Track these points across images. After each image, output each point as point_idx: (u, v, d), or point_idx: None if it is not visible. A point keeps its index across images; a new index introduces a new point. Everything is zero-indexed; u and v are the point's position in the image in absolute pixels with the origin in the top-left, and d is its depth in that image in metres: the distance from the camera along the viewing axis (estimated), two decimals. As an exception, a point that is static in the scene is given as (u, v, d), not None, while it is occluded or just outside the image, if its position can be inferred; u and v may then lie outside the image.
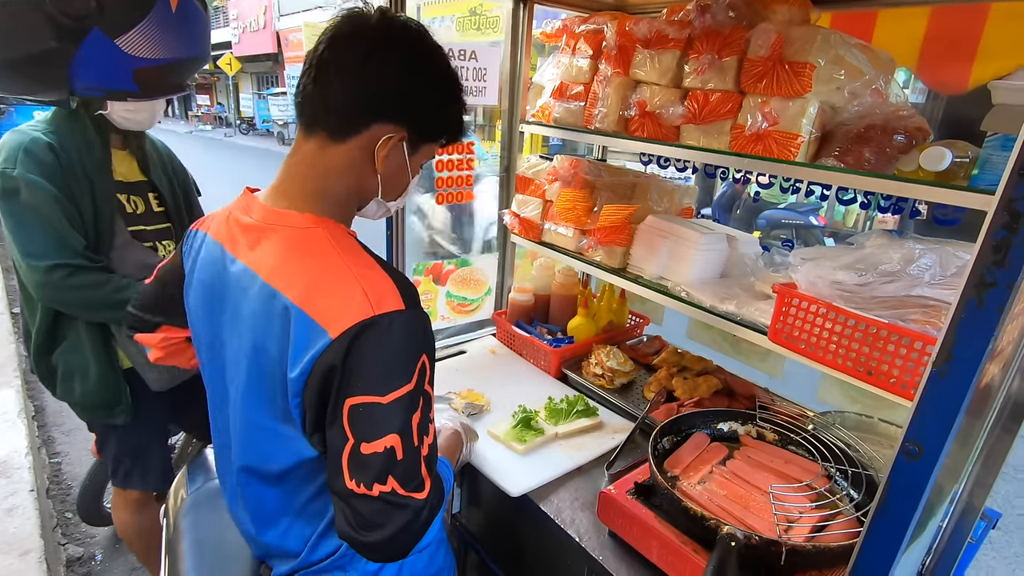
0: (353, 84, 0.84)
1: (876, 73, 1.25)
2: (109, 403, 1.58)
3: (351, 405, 0.76)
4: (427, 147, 0.96)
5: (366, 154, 0.88)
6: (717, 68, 1.32)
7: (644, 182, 1.71)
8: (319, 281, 0.80)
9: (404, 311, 0.79)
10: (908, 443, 0.65)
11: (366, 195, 0.95)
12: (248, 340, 0.87)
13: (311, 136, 0.89)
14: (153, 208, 1.62)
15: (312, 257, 0.84)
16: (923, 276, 0.97)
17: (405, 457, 0.77)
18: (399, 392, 0.77)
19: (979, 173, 1.05)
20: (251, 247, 0.89)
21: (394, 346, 0.78)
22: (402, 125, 0.88)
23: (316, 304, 0.79)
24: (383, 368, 0.77)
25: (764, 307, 1.29)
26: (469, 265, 2.00)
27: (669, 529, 1.07)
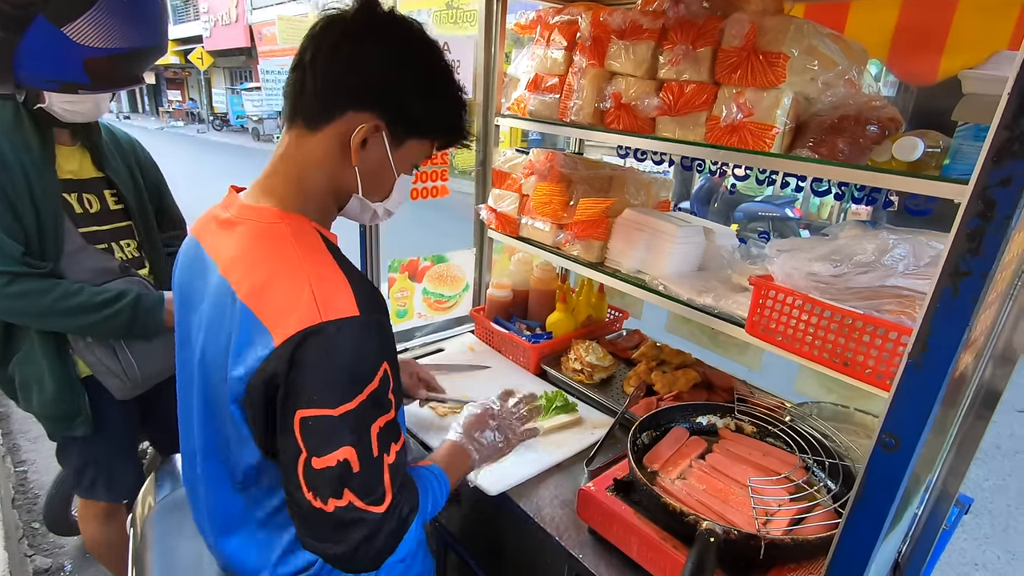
0: (326, 70, 0.83)
1: (849, 64, 1.24)
2: (68, 415, 1.52)
3: (301, 418, 0.73)
4: (414, 143, 0.92)
5: (341, 145, 0.86)
6: (691, 59, 1.31)
7: (621, 175, 1.70)
8: (270, 278, 0.77)
9: (356, 318, 0.75)
10: (885, 435, 0.64)
11: (344, 191, 0.91)
12: (203, 335, 0.84)
13: (292, 128, 0.87)
14: (110, 206, 1.54)
15: (268, 252, 0.81)
16: (897, 266, 0.97)
17: (363, 469, 0.74)
18: (351, 404, 0.73)
19: (951, 163, 1.05)
20: (220, 241, 0.87)
21: (343, 356, 0.74)
22: (379, 114, 0.85)
23: (263, 302, 0.76)
24: (331, 379, 0.73)
25: (741, 300, 1.28)
26: (445, 261, 1.97)
27: (649, 525, 1.06)
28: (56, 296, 1.37)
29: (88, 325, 1.44)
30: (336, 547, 0.75)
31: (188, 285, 0.93)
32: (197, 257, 0.90)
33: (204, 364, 0.84)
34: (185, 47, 22.51)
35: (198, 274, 0.89)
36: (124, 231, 1.58)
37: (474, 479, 1.26)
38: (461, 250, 2.02)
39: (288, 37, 16.75)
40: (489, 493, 1.27)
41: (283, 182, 0.88)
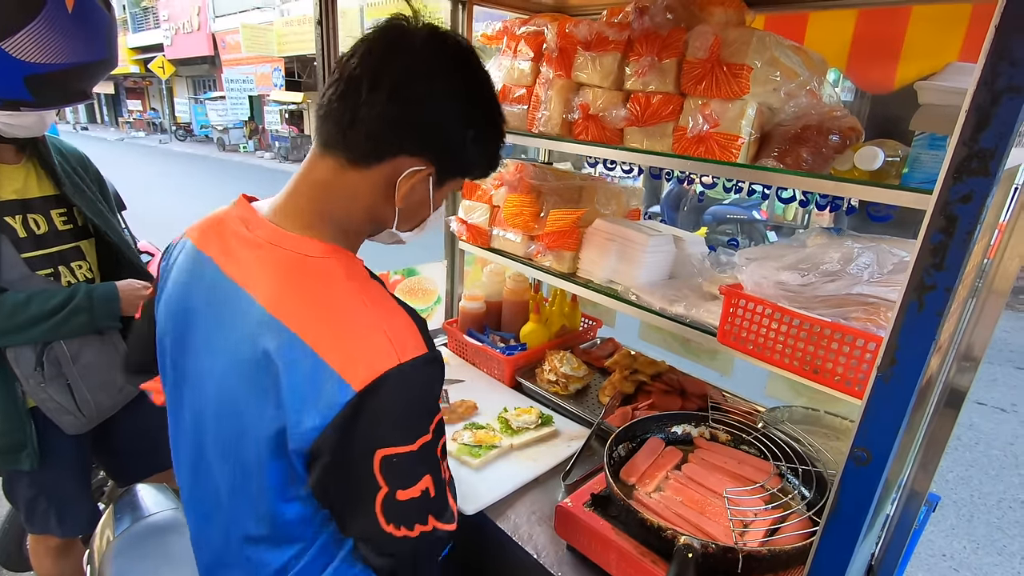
0: (384, 107, 0.75)
1: (810, 74, 1.27)
2: (13, 447, 1.44)
3: (383, 457, 0.71)
4: (454, 182, 0.88)
5: (386, 184, 0.80)
6: (657, 70, 1.32)
7: (591, 185, 1.70)
8: (336, 323, 0.73)
9: (427, 354, 0.74)
10: (857, 449, 0.65)
11: (380, 225, 0.87)
12: (228, 366, 0.77)
13: (327, 155, 0.80)
14: (58, 227, 1.46)
15: (325, 293, 0.75)
16: (862, 274, 0.99)
17: (438, 493, 0.77)
18: (426, 437, 0.75)
19: (909, 171, 1.07)
20: (247, 265, 0.79)
21: (420, 393, 0.75)
22: (431, 160, 0.80)
23: (334, 349, 0.71)
24: (411, 417, 0.74)
25: (713, 308, 1.29)
26: (416, 274, 1.94)
27: (627, 541, 1.05)
28: (5, 314, 1.30)
29: (47, 332, 1.37)
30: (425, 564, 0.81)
31: (196, 302, 0.84)
32: (206, 271, 0.82)
33: (233, 400, 0.77)
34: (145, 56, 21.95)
35: (215, 294, 0.80)
36: (74, 252, 1.49)
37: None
38: (432, 262, 1.99)
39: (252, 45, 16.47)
40: (465, 513, 1.25)
41: (318, 212, 0.81)
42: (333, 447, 0.71)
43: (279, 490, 0.78)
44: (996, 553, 2.86)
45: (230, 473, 0.82)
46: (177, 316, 0.86)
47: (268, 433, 0.74)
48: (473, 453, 1.42)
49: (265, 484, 0.78)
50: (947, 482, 3.35)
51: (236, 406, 0.77)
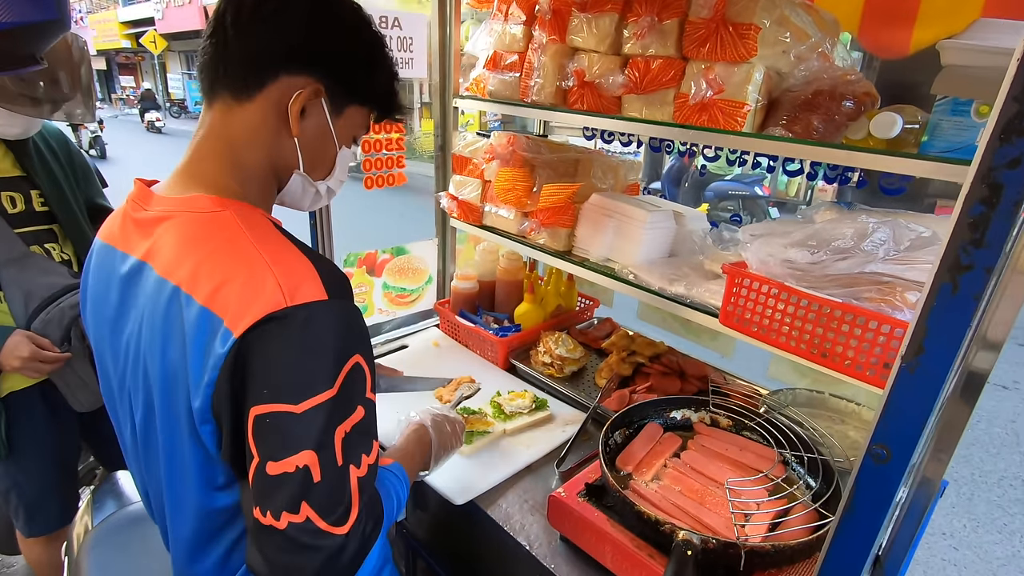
0: (251, 30, 0.73)
1: (822, 35, 1.18)
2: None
3: (256, 415, 0.63)
4: (353, 111, 0.83)
5: (277, 115, 0.76)
6: (657, 32, 1.22)
7: (587, 158, 1.61)
8: (225, 271, 0.67)
9: (326, 301, 0.66)
10: (875, 446, 0.58)
11: (285, 169, 0.81)
12: (146, 351, 0.73)
13: (214, 102, 0.76)
14: (35, 207, 1.41)
15: (216, 244, 0.70)
16: (877, 252, 0.91)
17: (324, 479, 0.63)
18: (317, 399, 0.63)
19: (929, 139, 1.00)
20: (145, 240, 0.75)
21: (311, 342, 0.64)
22: (316, 76, 0.76)
23: (220, 297, 0.65)
24: (296, 369, 0.64)
25: (715, 287, 1.22)
26: (406, 253, 1.86)
27: (623, 533, 0.99)
28: None
29: None
30: (291, 572, 0.63)
31: (106, 297, 0.81)
32: (117, 266, 0.79)
33: (160, 378, 0.72)
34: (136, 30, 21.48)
35: (123, 285, 0.77)
36: (47, 234, 1.44)
37: (427, 476, 1.15)
38: (422, 240, 1.92)
39: (244, 19, 16.06)
40: (455, 503, 1.20)
41: (214, 166, 0.77)
42: (225, 407, 0.65)
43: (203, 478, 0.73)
44: (996, 531, 2.85)
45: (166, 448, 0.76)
46: (96, 310, 0.84)
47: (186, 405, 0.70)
48: (464, 439, 1.36)
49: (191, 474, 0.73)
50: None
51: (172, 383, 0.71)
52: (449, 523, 1.39)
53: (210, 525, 0.77)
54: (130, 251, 0.77)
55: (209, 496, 0.75)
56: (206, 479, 0.74)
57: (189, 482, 0.74)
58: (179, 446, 0.73)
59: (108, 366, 0.85)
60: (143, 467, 0.85)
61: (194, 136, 0.79)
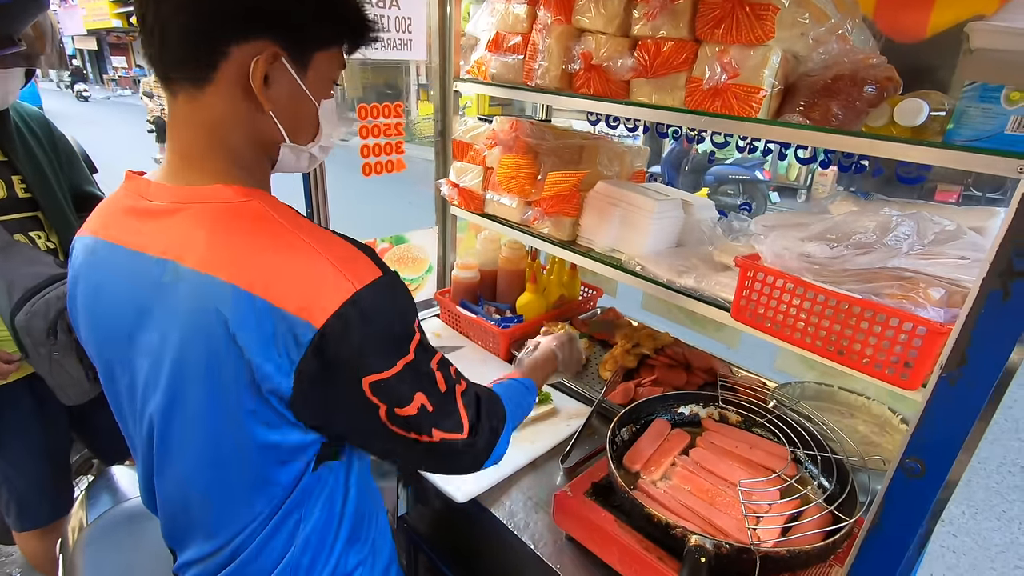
0: (178, 6, 0.66)
1: (841, 17, 1.12)
2: None
3: (369, 383, 0.69)
4: (321, 57, 0.75)
5: (242, 91, 0.70)
6: (669, 12, 1.16)
7: (592, 144, 1.56)
8: (277, 263, 0.66)
9: (383, 277, 0.69)
10: (908, 459, 0.55)
11: (271, 144, 0.77)
12: (186, 343, 0.69)
13: (176, 92, 0.71)
14: (18, 194, 1.35)
15: (258, 236, 0.68)
16: (901, 246, 0.87)
17: (436, 407, 0.76)
18: (409, 357, 0.72)
19: (954, 127, 0.95)
20: (159, 234, 0.71)
21: (388, 315, 0.70)
22: (268, 38, 0.69)
23: (282, 291, 0.65)
24: (384, 341, 0.70)
25: (725, 280, 1.18)
26: (405, 242, 1.82)
27: (631, 535, 0.97)
28: None
29: None
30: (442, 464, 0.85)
31: (101, 294, 0.76)
32: (121, 259, 0.74)
33: (196, 367, 0.70)
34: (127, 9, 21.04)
35: (124, 278, 0.73)
36: (32, 222, 1.39)
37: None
38: (422, 229, 1.87)
39: (237, -3, 15.75)
40: (457, 501, 1.17)
41: (210, 153, 0.73)
42: (315, 385, 0.68)
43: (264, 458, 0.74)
44: (995, 518, 2.86)
45: (208, 455, 0.75)
46: (89, 308, 0.80)
47: (239, 396, 0.69)
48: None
49: (250, 457, 0.73)
50: (948, 447, 3.33)
51: (206, 366, 0.69)
52: (451, 519, 1.37)
53: (271, 502, 0.77)
54: (138, 246, 0.72)
55: (272, 473, 0.75)
56: (267, 458, 0.74)
57: (246, 465, 0.74)
58: (229, 434, 0.72)
59: (115, 370, 0.80)
60: (163, 466, 0.81)
61: (169, 129, 0.74)
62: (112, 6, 22.36)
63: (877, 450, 1.22)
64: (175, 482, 0.81)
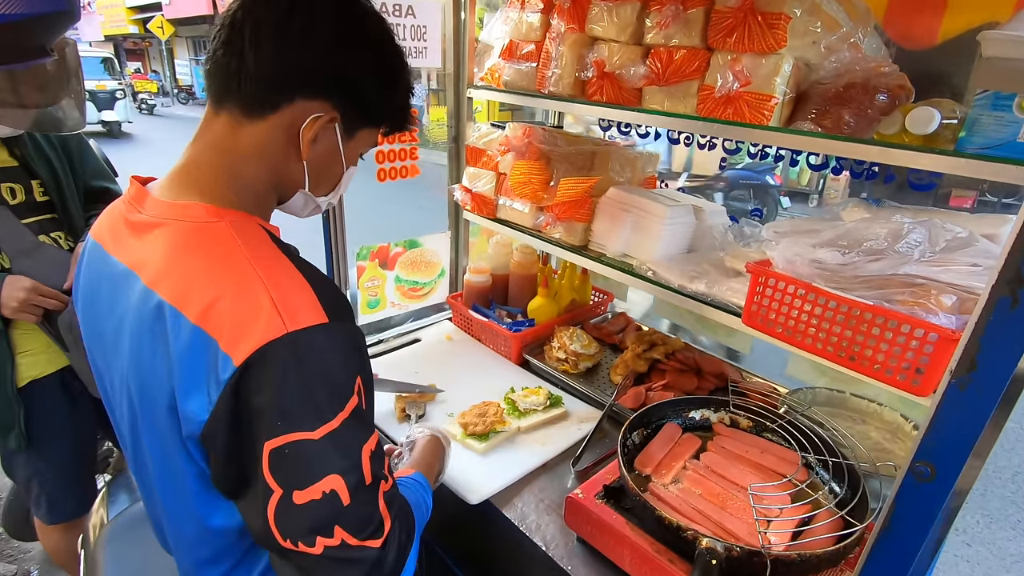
0: (271, 48, 0.69)
1: (853, 25, 1.13)
2: (1, 429, 1.40)
3: (272, 449, 0.61)
4: (365, 133, 0.81)
5: (287, 136, 0.73)
6: (682, 21, 1.18)
7: (604, 150, 1.58)
8: (218, 288, 0.64)
9: (326, 324, 0.64)
10: (919, 463, 0.56)
11: (289, 186, 0.79)
12: (132, 364, 0.71)
13: (221, 111, 0.73)
14: (36, 197, 1.39)
15: (209, 258, 0.67)
16: (912, 253, 0.88)
17: (353, 500, 0.64)
18: (333, 424, 0.63)
19: (966, 135, 0.96)
20: (135, 247, 0.73)
21: (318, 368, 0.63)
22: (334, 103, 0.73)
23: (215, 317, 0.63)
24: (307, 397, 0.63)
25: (736, 286, 1.19)
26: (419, 246, 1.84)
27: (642, 537, 0.98)
28: None
29: None
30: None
31: (96, 299, 0.79)
32: (104, 267, 0.76)
33: (141, 392, 0.71)
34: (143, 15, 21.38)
35: (109, 287, 0.75)
36: (52, 223, 1.44)
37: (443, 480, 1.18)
38: (435, 233, 1.89)
39: (252, 3, 15.92)
40: (469, 502, 1.19)
41: (212, 175, 0.74)
42: (223, 436, 0.63)
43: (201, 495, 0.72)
44: (1010, 527, 2.82)
45: (157, 467, 0.75)
46: (86, 310, 0.83)
47: (170, 424, 0.68)
48: (479, 438, 1.35)
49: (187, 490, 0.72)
50: (962, 455, 3.29)
51: (153, 396, 0.69)
52: (463, 521, 1.38)
53: (214, 544, 0.75)
54: (119, 256, 0.75)
55: (213, 513, 0.73)
56: (207, 496, 0.71)
57: (186, 501, 0.73)
58: (171, 464, 0.71)
59: (100, 370, 0.83)
60: (138, 473, 0.84)
61: (193, 139, 0.76)
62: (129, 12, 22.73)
63: (889, 456, 1.22)
64: (148, 496, 0.84)
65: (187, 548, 0.78)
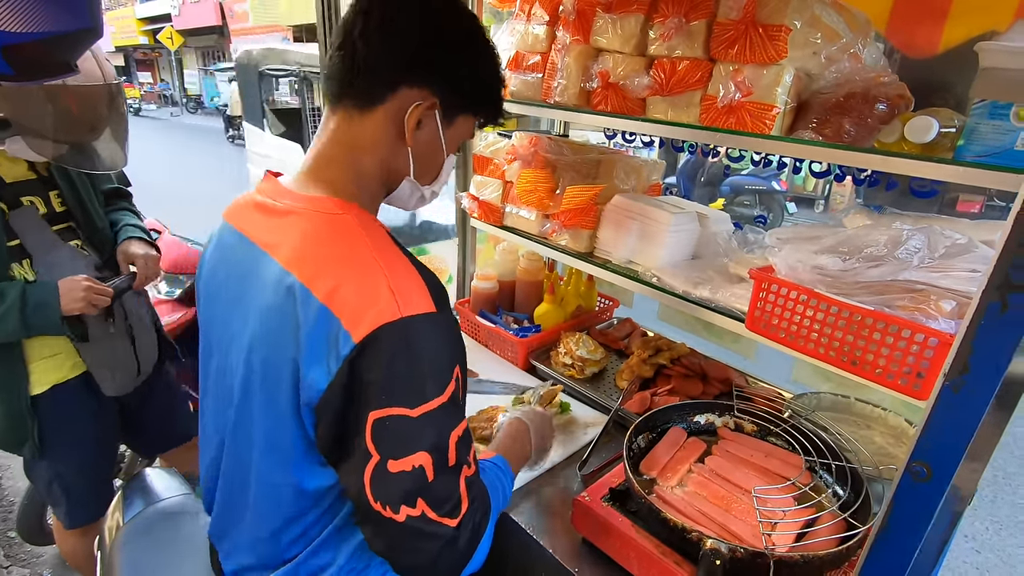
0: (376, 42, 0.76)
1: (853, 36, 1.15)
2: (14, 441, 1.45)
3: (376, 419, 0.68)
4: (462, 120, 0.86)
5: (395, 125, 0.80)
6: (685, 33, 1.21)
7: (609, 159, 1.60)
8: (345, 273, 0.71)
9: (435, 314, 0.71)
10: (915, 463, 0.57)
11: (396, 175, 0.85)
12: (258, 329, 0.76)
13: (338, 109, 0.81)
14: (56, 208, 1.44)
15: (338, 246, 0.74)
16: (911, 259, 0.90)
17: (437, 477, 0.70)
18: (431, 405, 0.69)
19: (964, 143, 0.97)
20: (270, 231, 0.79)
21: (423, 352, 0.70)
22: (433, 90, 0.79)
23: (339, 299, 0.69)
24: (411, 377, 0.69)
25: (740, 292, 1.21)
26: (427, 253, 1.87)
27: (648, 539, 0.99)
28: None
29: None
30: (411, 557, 0.72)
31: (226, 275, 0.85)
32: (239, 246, 0.83)
33: (265, 360, 0.76)
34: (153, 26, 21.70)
35: (243, 264, 0.81)
36: (69, 232, 1.48)
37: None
38: (443, 240, 1.92)
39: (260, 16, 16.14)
40: (478, 505, 1.20)
41: (338, 169, 0.81)
42: (335, 404, 0.69)
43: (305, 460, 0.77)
44: (1020, 534, 2.80)
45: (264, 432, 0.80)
46: (209, 291, 0.89)
47: (290, 392, 0.73)
48: (486, 442, 1.37)
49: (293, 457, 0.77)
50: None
51: (276, 365, 0.75)
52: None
53: (301, 504, 0.80)
54: (253, 237, 0.81)
55: (309, 476, 0.78)
56: (308, 461, 0.77)
57: (288, 465, 0.77)
58: (280, 430, 0.76)
59: (212, 342, 0.89)
60: (229, 447, 0.87)
61: (317, 137, 0.83)
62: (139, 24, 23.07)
63: (893, 461, 1.23)
64: (238, 464, 0.86)
65: (274, 509, 0.82)
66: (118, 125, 1.43)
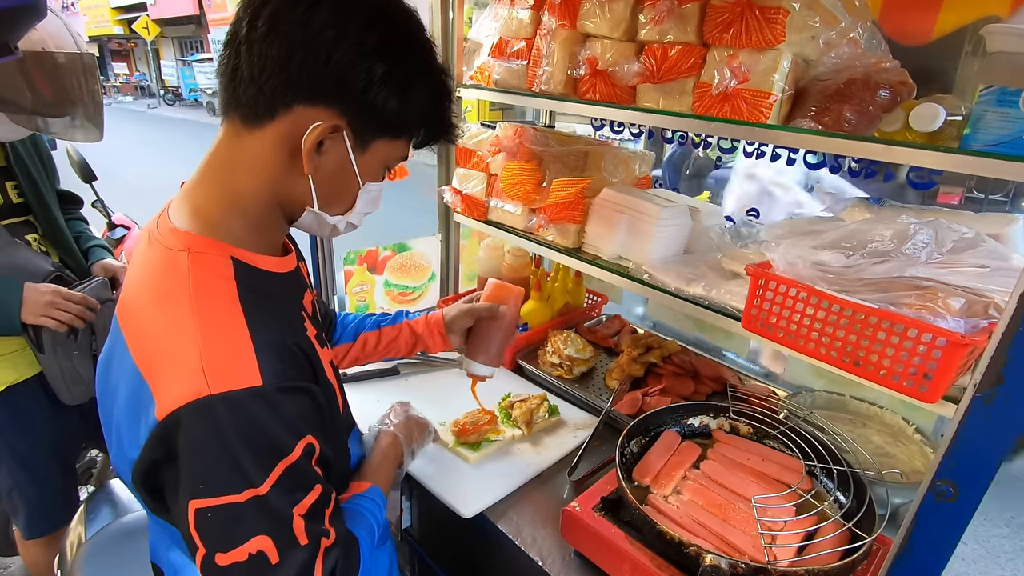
0: (265, 48, 0.62)
1: (852, 20, 1.10)
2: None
3: (196, 508, 0.58)
4: (384, 145, 0.72)
5: (289, 147, 0.67)
6: (677, 16, 1.15)
7: (597, 150, 1.54)
8: (159, 333, 0.62)
9: (257, 389, 0.60)
10: (940, 482, 0.52)
11: (294, 204, 0.73)
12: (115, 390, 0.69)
13: (224, 122, 0.69)
14: (12, 199, 1.35)
15: (160, 301, 0.65)
16: (919, 255, 0.85)
17: (284, 559, 0.59)
18: (261, 489, 0.59)
19: (971, 132, 0.93)
20: (133, 263, 0.72)
21: (244, 433, 0.59)
22: (339, 111, 0.66)
23: (153, 364, 0.62)
24: (227, 463, 0.58)
25: (735, 288, 1.15)
26: (408, 250, 1.80)
27: (643, 552, 0.94)
28: None
29: None
30: None
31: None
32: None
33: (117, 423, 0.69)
34: (128, 16, 21.13)
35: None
36: (26, 225, 1.40)
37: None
38: (425, 236, 1.85)
39: (238, 3, 15.78)
40: (463, 516, 1.14)
41: (205, 191, 0.70)
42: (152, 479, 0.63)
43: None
44: (1004, 525, 2.82)
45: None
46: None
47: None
48: (471, 446, 1.31)
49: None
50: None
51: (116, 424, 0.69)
52: (457, 534, 1.34)
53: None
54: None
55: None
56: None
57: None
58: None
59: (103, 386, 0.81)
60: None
61: (206, 154, 0.72)
62: (114, 13, 22.46)
63: (893, 462, 1.19)
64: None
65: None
66: (93, 99, 1.36)
